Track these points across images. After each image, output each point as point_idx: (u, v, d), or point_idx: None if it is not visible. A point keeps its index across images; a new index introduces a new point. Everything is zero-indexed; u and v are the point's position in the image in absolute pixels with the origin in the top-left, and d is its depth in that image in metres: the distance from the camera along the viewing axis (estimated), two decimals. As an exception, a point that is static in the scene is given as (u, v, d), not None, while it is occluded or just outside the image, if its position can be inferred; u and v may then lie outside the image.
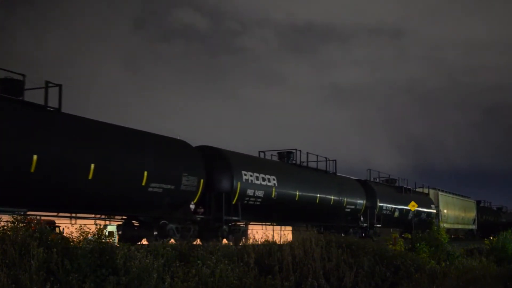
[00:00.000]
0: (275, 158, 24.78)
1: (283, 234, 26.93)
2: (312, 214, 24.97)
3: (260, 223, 23.31)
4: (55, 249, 9.81)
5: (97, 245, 10.46)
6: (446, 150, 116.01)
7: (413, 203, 37.62)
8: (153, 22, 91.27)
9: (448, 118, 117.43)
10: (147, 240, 16.70)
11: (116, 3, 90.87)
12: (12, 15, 69.72)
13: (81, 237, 10.77)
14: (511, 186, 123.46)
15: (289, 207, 22.57)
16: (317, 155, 26.72)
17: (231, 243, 17.53)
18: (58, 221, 16.39)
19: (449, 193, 46.47)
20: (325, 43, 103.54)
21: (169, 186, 16.34)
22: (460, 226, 47.62)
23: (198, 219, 17.66)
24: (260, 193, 20.23)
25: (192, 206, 17.27)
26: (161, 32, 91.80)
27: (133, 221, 17.30)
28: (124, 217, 16.99)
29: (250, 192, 19.69)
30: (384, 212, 32.14)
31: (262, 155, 24.22)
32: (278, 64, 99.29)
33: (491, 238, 25.64)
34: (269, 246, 14.27)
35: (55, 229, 15.79)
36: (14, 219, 10.78)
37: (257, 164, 21.59)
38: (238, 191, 19.03)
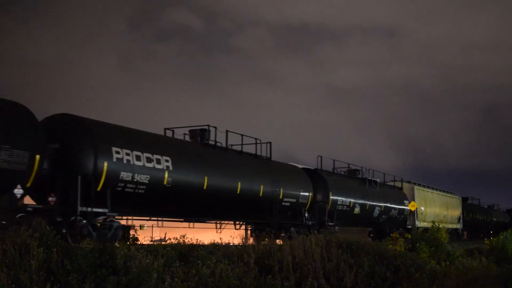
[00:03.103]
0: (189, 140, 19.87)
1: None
2: (232, 208, 20.05)
3: (157, 219, 18.27)
4: (55, 249, 9.84)
5: (97, 245, 10.48)
6: (444, 149, 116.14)
7: (413, 203, 36.22)
8: (147, 22, 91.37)
9: (445, 118, 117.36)
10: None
11: (110, 3, 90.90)
12: (7, 14, 69.76)
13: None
14: (509, 185, 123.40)
15: (194, 199, 17.89)
16: (242, 135, 21.50)
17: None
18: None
19: (428, 187, 41.01)
20: (319, 43, 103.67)
21: None
22: (441, 225, 43.45)
23: (30, 209, 13.24)
24: (143, 178, 15.56)
25: (18, 192, 12.83)
26: (155, 32, 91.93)
27: None
28: None
29: (125, 176, 15.03)
30: (340, 207, 26.88)
31: (170, 134, 19.47)
32: (273, 64, 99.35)
33: (492, 238, 25.58)
34: (269, 246, 14.29)
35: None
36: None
37: (140, 140, 16.58)
38: (104, 173, 14.45)
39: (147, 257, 10.62)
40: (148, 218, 17.74)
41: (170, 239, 15.72)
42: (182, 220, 18.99)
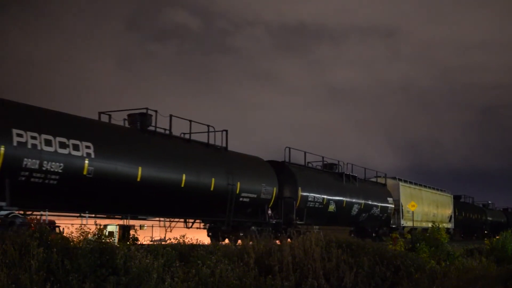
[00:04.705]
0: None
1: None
2: (176, 203, 17.71)
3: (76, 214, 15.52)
4: (55, 249, 9.84)
5: (97, 245, 10.47)
6: (442, 149, 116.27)
7: (413, 203, 35.62)
8: (145, 22, 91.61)
9: (444, 118, 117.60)
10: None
11: (108, 3, 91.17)
12: (4, 13, 69.92)
13: (81, 237, 10.78)
14: (507, 185, 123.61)
15: (125, 192, 15.73)
16: (190, 121, 18.81)
17: None
18: (58, 221, 16.38)
19: (416, 184, 38.78)
20: (317, 43, 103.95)
21: None
22: (430, 225, 39.21)
23: None
24: (55, 167, 13.48)
25: None
26: (153, 32, 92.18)
27: None
28: None
29: (30, 163, 12.95)
30: (311, 204, 24.32)
31: (107, 120, 17.06)
32: (271, 64, 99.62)
33: (492, 238, 25.57)
34: (269, 246, 14.28)
35: (55, 229, 15.83)
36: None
37: (53, 122, 14.32)
38: (1, 160, 12.53)
39: (147, 257, 10.62)
40: (65, 213, 15.42)
41: (170, 239, 15.66)
42: (120, 217, 16.92)
